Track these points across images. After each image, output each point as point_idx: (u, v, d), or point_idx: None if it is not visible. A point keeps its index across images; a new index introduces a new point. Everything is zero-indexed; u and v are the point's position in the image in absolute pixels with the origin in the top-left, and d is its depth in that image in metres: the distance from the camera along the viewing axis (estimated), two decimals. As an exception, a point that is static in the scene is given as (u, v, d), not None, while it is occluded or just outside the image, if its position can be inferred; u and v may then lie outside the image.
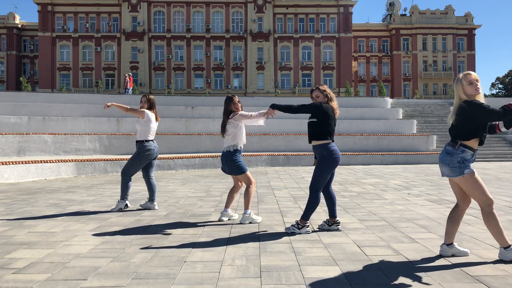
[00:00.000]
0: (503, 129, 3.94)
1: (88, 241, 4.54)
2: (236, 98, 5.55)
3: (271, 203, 7.19)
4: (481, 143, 3.81)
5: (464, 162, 3.72)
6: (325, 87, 5.06)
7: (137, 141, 6.56)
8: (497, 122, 3.91)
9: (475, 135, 3.73)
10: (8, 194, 8.47)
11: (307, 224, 4.94)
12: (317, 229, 5.06)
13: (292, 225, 4.98)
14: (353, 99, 25.13)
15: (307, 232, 4.89)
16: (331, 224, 5.07)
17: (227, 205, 5.70)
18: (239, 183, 5.74)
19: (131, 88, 30.61)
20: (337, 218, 5.10)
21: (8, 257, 3.92)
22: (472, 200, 3.88)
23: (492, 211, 3.73)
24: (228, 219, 5.67)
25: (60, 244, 4.41)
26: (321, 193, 4.97)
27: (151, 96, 6.74)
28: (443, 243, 3.98)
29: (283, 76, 56.69)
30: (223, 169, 5.66)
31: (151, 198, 6.60)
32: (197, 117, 19.58)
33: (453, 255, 3.92)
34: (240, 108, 5.54)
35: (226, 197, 5.92)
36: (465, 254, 3.93)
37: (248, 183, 5.54)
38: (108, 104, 6.67)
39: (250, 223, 5.47)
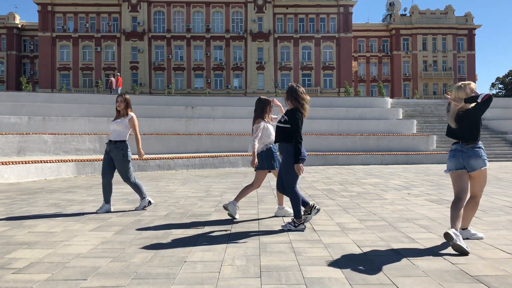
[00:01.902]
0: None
1: (88, 241, 4.54)
2: (271, 104, 5.77)
3: (271, 203, 7.18)
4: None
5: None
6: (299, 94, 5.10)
7: (117, 141, 6.33)
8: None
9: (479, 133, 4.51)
10: (8, 194, 8.47)
11: (302, 221, 5.02)
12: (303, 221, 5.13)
13: (288, 223, 5.08)
14: (353, 99, 25.13)
15: (303, 230, 4.97)
16: (309, 212, 5.26)
17: (280, 202, 5.90)
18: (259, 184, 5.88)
19: (120, 88, 31.29)
20: (310, 203, 5.30)
21: (8, 257, 3.92)
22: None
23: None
24: (284, 216, 5.82)
25: (60, 244, 4.41)
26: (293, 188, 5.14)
27: (127, 96, 6.56)
28: (459, 228, 4.33)
29: (283, 76, 56.71)
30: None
31: (107, 199, 6.43)
32: (197, 117, 19.58)
33: (467, 238, 4.44)
34: (268, 115, 5.79)
35: (276, 195, 6.05)
36: (480, 237, 4.58)
37: (255, 182, 5.77)
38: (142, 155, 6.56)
39: (230, 214, 5.73)
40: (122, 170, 6.31)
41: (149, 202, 6.53)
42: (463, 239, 4.19)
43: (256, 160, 5.66)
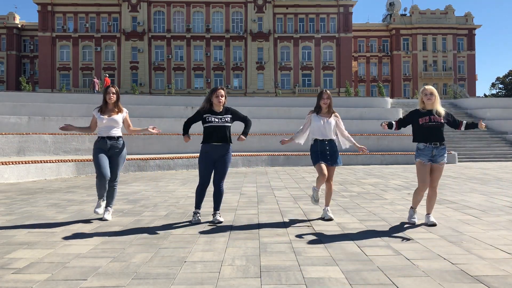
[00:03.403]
0: None
1: (88, 241, 4.54)
2: (325, 95, 5.64)
3: (271, 203, 7.18)
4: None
5: None
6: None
7: (118, 137, 5.67)
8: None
9: None
10: (8, 194, 8.47)
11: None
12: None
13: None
14: (353, 99, 25.13)
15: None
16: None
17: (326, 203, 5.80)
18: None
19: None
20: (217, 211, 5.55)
21: (8, 257, 3.92)
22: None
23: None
24: (328, 219, 5.63)
25: (60, 244, 4.41)
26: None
27: (117, 88, 5.92)
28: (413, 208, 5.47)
29: (283, 76, 56.70)
30: None
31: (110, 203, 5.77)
32: (197, 117, 19.55)
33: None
34: (324, 103, 5.63)
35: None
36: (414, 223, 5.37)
37: (318, 174, 5.60)
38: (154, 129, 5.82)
39: (324, 219, 5.65)
40: (119, 168, 5.73)
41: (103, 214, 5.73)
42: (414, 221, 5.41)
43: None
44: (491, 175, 12.42)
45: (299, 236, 4.77)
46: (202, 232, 4.97)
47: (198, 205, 5.57)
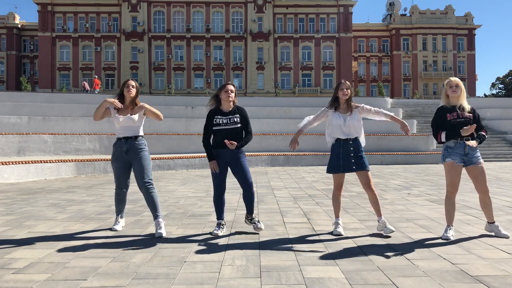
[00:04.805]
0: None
1: (88, 241, 4.53)
2: (345, 85, 4.93)
3: (271, 203, 7.19)
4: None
5: None
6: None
7: (136, 137, 4.94)
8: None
9: None
10: (8, 194, 8.47)
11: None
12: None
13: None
14: (353, 99, 25.08)
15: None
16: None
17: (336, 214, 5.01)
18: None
19: (96, 90, 32.90)
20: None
21: (8, 257, 3.92)
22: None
23: None
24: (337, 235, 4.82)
25: (60, 244, 4.40)
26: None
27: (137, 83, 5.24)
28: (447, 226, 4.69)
29: (283, 76, 56.71)
30: None
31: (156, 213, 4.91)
32: (197, 117, 19.58)
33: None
34: (344, 94, 4.91)
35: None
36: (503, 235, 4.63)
37: (333, 187, 5.01)
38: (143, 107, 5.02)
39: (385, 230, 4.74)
40: (144, 171, 4.88)
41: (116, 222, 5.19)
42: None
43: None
44: (491, 175, 12.42)
45: (299, 236, 4.77)
46: (202, 232, 4.97)
47: (218, 215, 4.95)
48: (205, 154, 4.90)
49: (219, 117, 4.78)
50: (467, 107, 4.67)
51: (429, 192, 8.69)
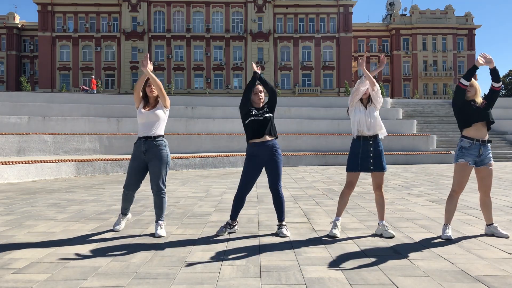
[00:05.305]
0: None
1: (88, 241, 4.53)
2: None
3: (271, 203, 7.16)
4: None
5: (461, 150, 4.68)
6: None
7: (156, 137, 4.80)
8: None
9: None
10: (8, 194, 8.47)
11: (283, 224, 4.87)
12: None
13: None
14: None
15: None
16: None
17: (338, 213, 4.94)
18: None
19: (94, 90, 33.48)
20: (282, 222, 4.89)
21: (8, 257, 3.92)
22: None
23: None
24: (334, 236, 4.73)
25: (60, 244, 4.40)
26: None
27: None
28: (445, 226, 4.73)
29: (283, 76, 56.72)
30: None
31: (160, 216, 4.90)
32: (197, 117, 19.58)
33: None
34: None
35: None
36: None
37: (345, 184, 4.89)
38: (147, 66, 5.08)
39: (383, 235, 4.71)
40: (160, 175, 4.79)
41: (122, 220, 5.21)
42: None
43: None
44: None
45: (299, 236, 4.77)
46: (202, 232, 4.97)
47: (233, 215, 4.92)
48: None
49: (253, 109, 4.80)
50: (480, 100, 4.67)
51: (429, 192, 8.69)
